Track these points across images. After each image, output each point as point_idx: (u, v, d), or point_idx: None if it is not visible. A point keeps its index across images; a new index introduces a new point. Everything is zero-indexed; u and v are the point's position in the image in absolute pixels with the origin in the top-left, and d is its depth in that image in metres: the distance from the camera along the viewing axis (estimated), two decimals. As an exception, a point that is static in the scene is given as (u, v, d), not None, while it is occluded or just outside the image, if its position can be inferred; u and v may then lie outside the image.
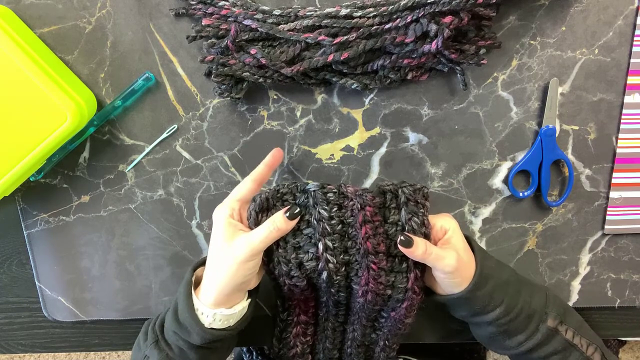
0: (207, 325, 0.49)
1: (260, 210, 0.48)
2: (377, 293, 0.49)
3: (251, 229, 0.49)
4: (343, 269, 0.49)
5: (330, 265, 0.48)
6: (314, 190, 0.47)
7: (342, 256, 0.48)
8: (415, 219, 0.47)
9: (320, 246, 0.48)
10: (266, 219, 0.48)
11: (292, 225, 0.48)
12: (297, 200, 0.48)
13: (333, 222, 0.47)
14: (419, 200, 0.47)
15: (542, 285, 0.57)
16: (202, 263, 0.53)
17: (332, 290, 0.51)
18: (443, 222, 0.50)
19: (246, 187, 0.51)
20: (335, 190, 0.47)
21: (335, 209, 0.47)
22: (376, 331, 0.58)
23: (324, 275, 0.49)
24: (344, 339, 0.60)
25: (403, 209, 0.47)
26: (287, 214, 0.47)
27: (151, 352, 0.51)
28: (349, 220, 0.48)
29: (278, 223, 0.47)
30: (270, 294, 0.61)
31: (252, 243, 0.46)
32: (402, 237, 0.46)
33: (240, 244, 0.47)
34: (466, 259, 0.49)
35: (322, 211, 0.47)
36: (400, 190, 0.47)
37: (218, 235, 0.48)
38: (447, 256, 0.47)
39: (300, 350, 0.60)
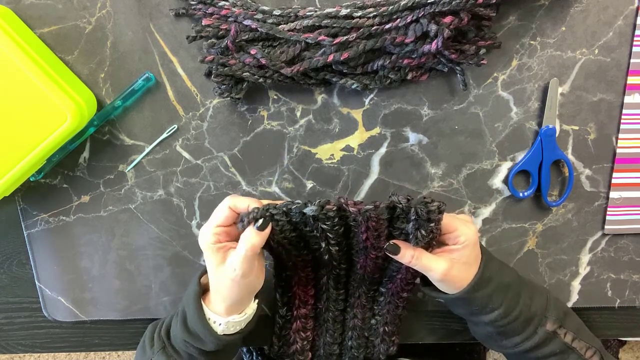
0: (220, 332, 0.50)
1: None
2: (376, 266, 0.54)
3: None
4: (345, 249, 0.52)
5: (333, 251, 0.51)
6: (312, 215, 0.47)
7: (344, 243, 0.51)
8: (422, 231, 0.47)
9: (324, 244, 0.50)
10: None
11: (267, 233, 0.47)
12: (293, 219, 0.48)
13: (335, 228, 0.48)
14: (431, 218, 0.46)
15: (544, 287, 0.57)
16: (206, 271, 0.53)
17: (334, 262, 0.54)
18: (460, 232, 0.48)
19: (224, 214, 0.48)
20: (335, 208, 0.47)
21: (337, 219, 0.48)
22: (375, 316, 0.60)
23: (326, 256, 0.52)
24: (344, 330, 0.61)
25: (412, 223, 0.47)
26: (257, 227, 0.46)
27: (158, 358, 0.52)
28: (352, 223, 0.49)
29: (252, 239, 0.46)
30: (270, 294, 0.61)
31: (237, 262, 0.47)
32: (389, 243, 0.48)
33: (230, 265, 0.47)
34: (457, 273, 0.49)
35: (324, 226, 0.48)
36: (413, 209, 0.46)
37: (210, 263, 0.49)
38: (435, 268, 0.48)
39: (300, 346, 0.60)
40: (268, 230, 0.47)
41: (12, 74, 0.49)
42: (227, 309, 0.49)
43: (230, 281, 0.47)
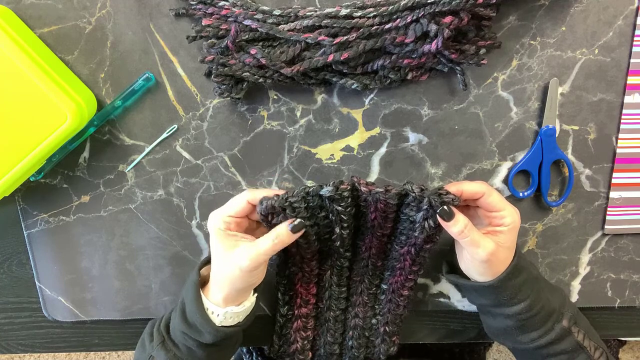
0: (218, 323, 0.50)
1: (266, 214, 0.49)
2: (379, 248, 0.54)
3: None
4: (353, 231, 0.53)
5: (344, 235, 0.52)
6: (328, 196, 0.48)
7: (352, 225, 0.52)
8: (431, 222, 0.48)
9: (337, 229, 0.51)
10: (275, 219, 0.48)
11: (296, 237, 0.48)
12: (310, 203, 0.49)
13: (348, 209, 0.49)
14: (441, 214, 0.46)
15: (558, 285, 0.57)
16: (207, 262, 0.53)
17: (341, 250, 0.54)
18: (507, 212, 0.48)
19: (241, 206, 0.49)
20: (349, 188, 0.48)
21: (350, 199, 0.49)
22: (376, 316, 0.60)
23: (337, 242, 0.52)
24: (345, 330, 0.61)
25: (422, 212, 0.48)
26: (291, 228, 0.47)
27: (157, 352, 0.52)
28: (362, 204, 0.50)
29: (282, 237, 0.47)
30: (270, 293, 0.61)
31: (256, 254, 0.47)
32: (444, 208, 0.46)
33: (243, 254, 0.47)
34: (502, 257, 0.48)
35: (338, 208, 0.49)
36: (426, 199, 0.46)
37: (218, 247, 0.49)
38: (484, 245, 0.47)
39: (300, 345, 0.60)
40: (299, 234, 0.48)
41: (12, 74, 0.49)
42: (226, 298, 0.49)
43: (238, 270, 0.47)
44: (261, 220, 0.49)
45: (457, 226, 0.46)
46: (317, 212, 0.50)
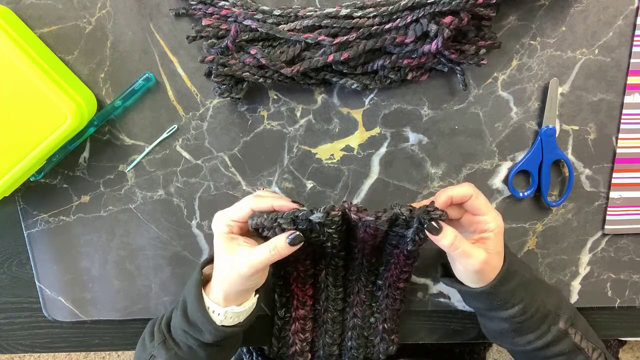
0: (218, 323, 0.50)
1: (256, 228, 0.49)
2: (372, 250, 0.55)
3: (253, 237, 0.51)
4: (344, 237, 0.53)
5: (335, 244, 0.52)
6: (318, 222, 0.48)
7: (344, 234, 0.52)
8: (421, 234, 0.49)
9: (329, 244, 0.51)
10: (266, 232, 0.49)
11: (294, 249, 0.48)
12: (300, 226, 0.49)
13: (339, 229, 0.50)
14: (429, 229, 0.47)
15: (555, 286, 0.57)
16: (210, 261, 0.53)
17: (334, 251, 0.54)
18: (491, 217, 0.48)
19: (244, 212, 0.49)
20: (340, 214, 0.48)
21: (341, 223, 0.49)
22: (374, 314, 0.60)
23: (329, 244, 0.52)
24: (344, 331, 0.61)
25: (412, 229, 0.49)
26: (289, 240, 0.48)
27: (158, 351, 0.52)
28: (352, 223, 0.50)
29: (279, 248, 0.47)
30: (270, 293, 0.61)
31: (254, 262, 0.47)
32: (431, 223, 0.46)
33: (242, 260, 0.48)
34: (494, 263, 0.48)
35: (329, 230, 0.49)
36: (415, 219, 0.47)
37: (220, 249, 0.49)
38: (475, 255, 0.47)
39: (299, 347, 0.60)
40: (296, 248, 0.48)
41: (12, 74, 0.49)
42: (227, 298, 0.50)
43: (237, 275, 0.48)
44: (252, 231, 0.50)
45: (446, 239, 0.46)
46: (307, 234, 0.50)
